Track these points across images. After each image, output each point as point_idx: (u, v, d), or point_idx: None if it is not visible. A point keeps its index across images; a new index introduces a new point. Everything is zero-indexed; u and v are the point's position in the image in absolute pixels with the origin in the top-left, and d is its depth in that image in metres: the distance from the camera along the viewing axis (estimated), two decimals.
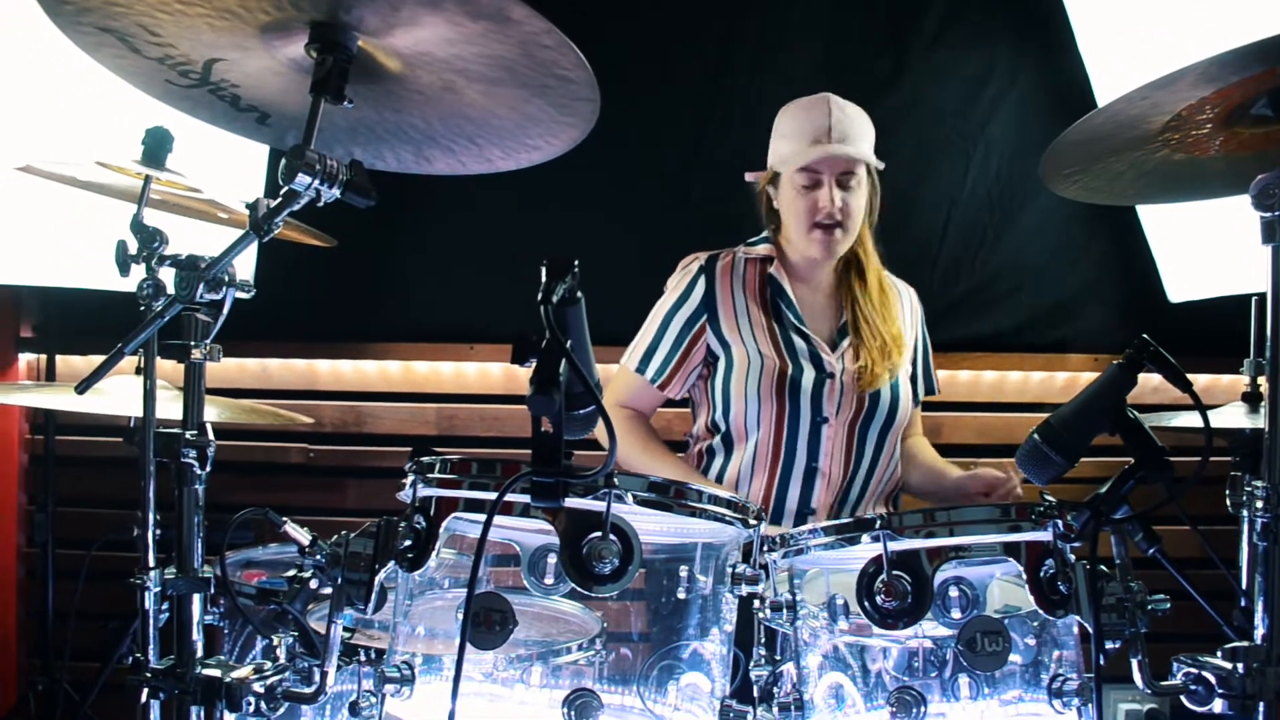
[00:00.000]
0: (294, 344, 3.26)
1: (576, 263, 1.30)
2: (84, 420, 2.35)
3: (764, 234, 2.48)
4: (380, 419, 3.26)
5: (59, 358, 3.21)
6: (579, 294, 1.33)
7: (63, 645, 2.88)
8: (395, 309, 3.28)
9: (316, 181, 1.40)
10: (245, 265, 2.94)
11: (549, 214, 3.20)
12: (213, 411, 2.51)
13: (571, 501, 1.33)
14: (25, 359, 3.27)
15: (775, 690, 1.65)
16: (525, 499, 1.32)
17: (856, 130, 2.31)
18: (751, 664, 1.66)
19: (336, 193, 1.42)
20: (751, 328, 2.36)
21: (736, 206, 2.55)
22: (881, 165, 2.34)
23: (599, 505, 1.34)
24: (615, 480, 1.34)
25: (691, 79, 3.31)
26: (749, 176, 2.47)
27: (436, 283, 3.25)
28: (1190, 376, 3.29)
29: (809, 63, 3.26)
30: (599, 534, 1.33)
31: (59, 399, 2.55)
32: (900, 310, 2.47)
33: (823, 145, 2.27)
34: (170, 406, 1.73)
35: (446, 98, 1.50)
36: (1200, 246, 2.97)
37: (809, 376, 2.32)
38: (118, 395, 2.33)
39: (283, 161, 1.39)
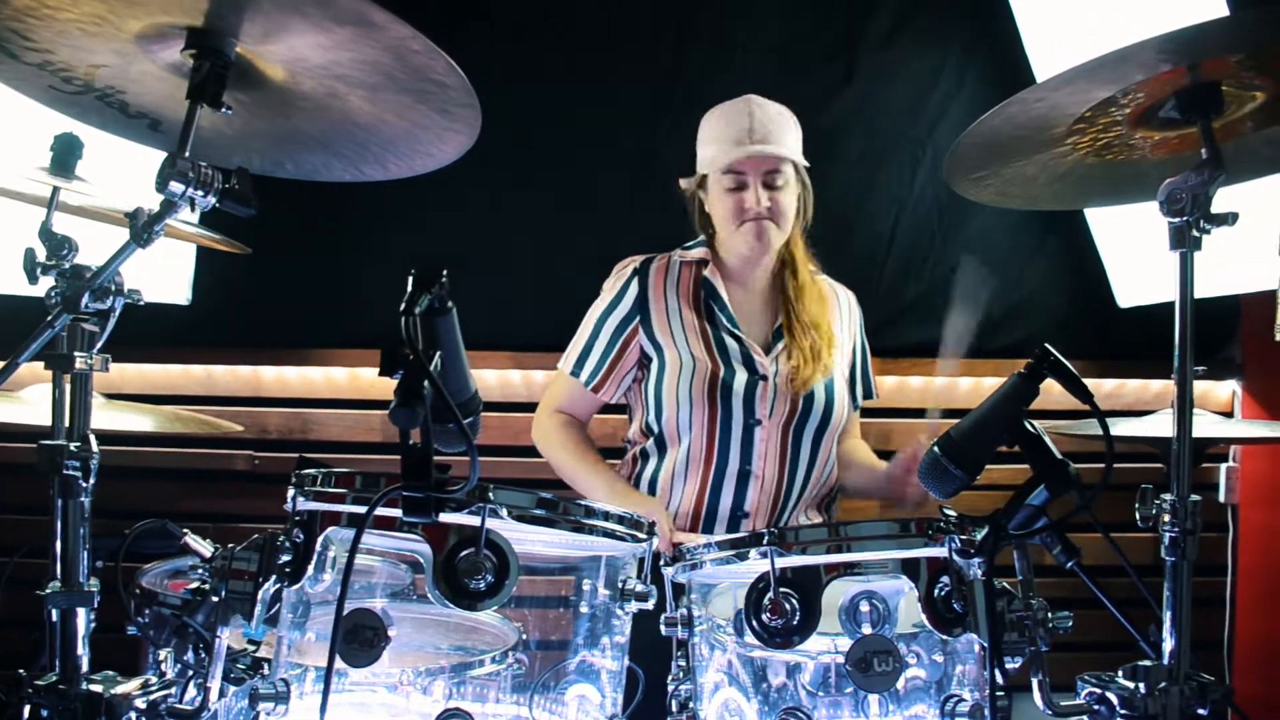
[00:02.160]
0: (238, 350, 3.23)
1: (445, 272, 1.27)
2: (14, 428, 2.33)
3: (700, 238, 2.46)
4: (326, 426, 3.23)
5: None
6: (449, 304, 1.30)
7: None
8: (340, 315, 3.24)
9: (190, 189, 1.37)
10: (183, 273, 2.94)
11: (495, 217, 3.18)
12: (144, 420, 2.48)
13: (446, 517, 1.30)
14: None
15: (691, 704, 1.63)
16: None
17: (778, 130, 2.29)
18: (670, 678, 1.64)
19: (212, 201, 1.40)
20: (684, 330, 2.33)
21: (682, 212, 2.53)
22: (806, 163, 2.31)
23: (475, 520, 1.31)
24: (490, 495, 1.31)
25: (642, 83, 3.28)
26: (684, 183, 2.45)
27: (382, 288, 3.19)
28: (1140, 382, 3.32)
29: (760, 66, 3.23)
30: (472, 549, 1.30)
31: None
32: (836, 313, 2.45)
33: (744, 146, 2.26)
34: (100, 415, 1.70)
35: (333, 104, 1.48)
36: (1149, 251, 2.94)
37: (741, 379, 2.29)
38: (45, 404, 2.30)
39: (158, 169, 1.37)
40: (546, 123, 3.13)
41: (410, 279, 1.25)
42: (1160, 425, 2.31)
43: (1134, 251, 3.04)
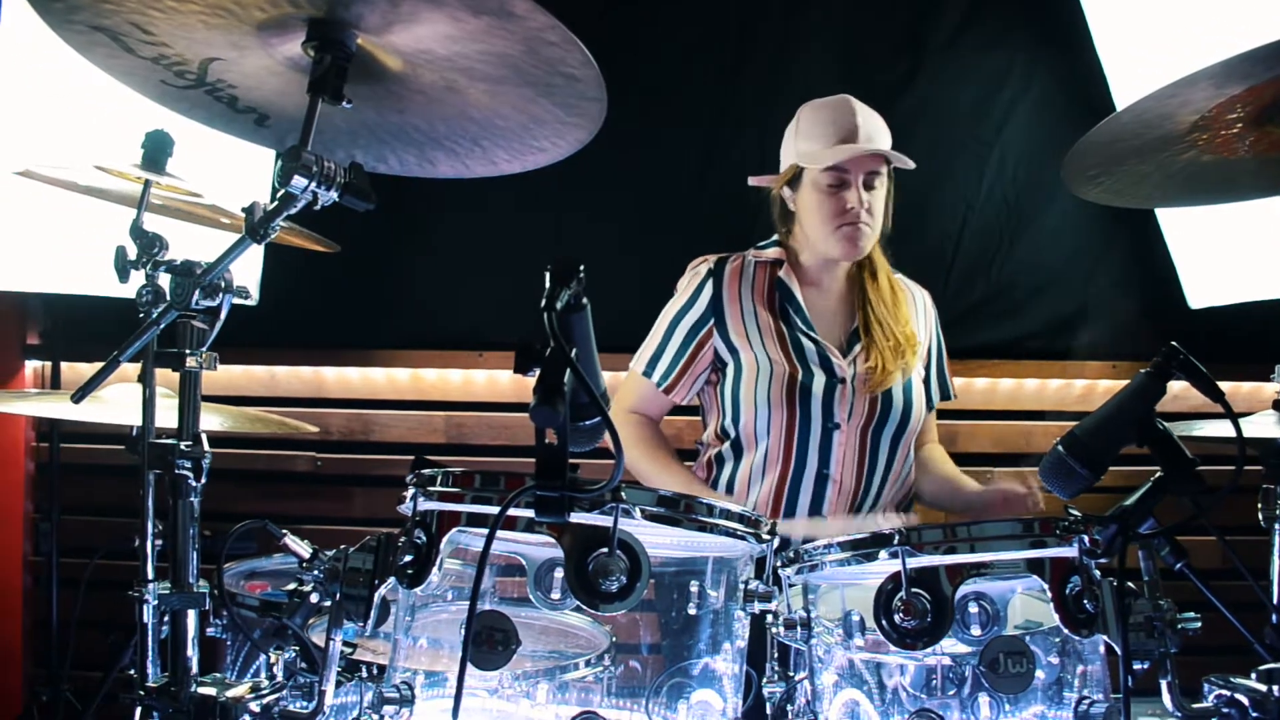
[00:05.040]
0: (302, 351, 3.23)
1: (582, 267, 1.25)
2: (89, 428, 2.33)
3: (774, 237, 2.43)
4: (388, 427, 3.22)
5: (65, 364, 3.19)
6: (585, 300, 1.28)
7: (65, 655, 2.85)
8: (403, 315, 3.24)
9: (313, 184, 1.35)
10: (250, 272, 2.93)
11: (560, 217, 3.17)
12: (217, 420, 2.47)
13: (577, 516, 1.28)
14: (31, 366, 3.25)
15: (789, 707, 1.60)
16: (529, 514, 1.27)
17: (881, 131, 2.27)
18: (764, 680, 1.61)
19: (334, 195, 1.38)
20: (760, 333, 2.31)
21: (750, 210, 2.51)
22: (912, 165, 2.26)
23: (606, 520, 1.29)
24: (623, 494, 1.29)
25: (706, 81, 3.27)
26: (753, 181, 2.42)
27: (445, 289, 3.21)
28: None
29: (824, 65, 3.21)
30: (605, 550, 1.28)
31: (63, 407, 2.51)
32: (913, 312, 2.42)
33: (853, 145, 2.22)
34: (173, 415, 1.69)
35: (449, 98, 1.46)
36: (1222, 251, 2.91)
37: (819, 382, 2.27)
38: (121, 403, 2.29)
39: (278, 164, 1.35)
40: (611, 122, 3.10)
41: (548, 274, 1.23)
42: (1254, 427, 2.26)
43: (1206, 252, 3.00)
